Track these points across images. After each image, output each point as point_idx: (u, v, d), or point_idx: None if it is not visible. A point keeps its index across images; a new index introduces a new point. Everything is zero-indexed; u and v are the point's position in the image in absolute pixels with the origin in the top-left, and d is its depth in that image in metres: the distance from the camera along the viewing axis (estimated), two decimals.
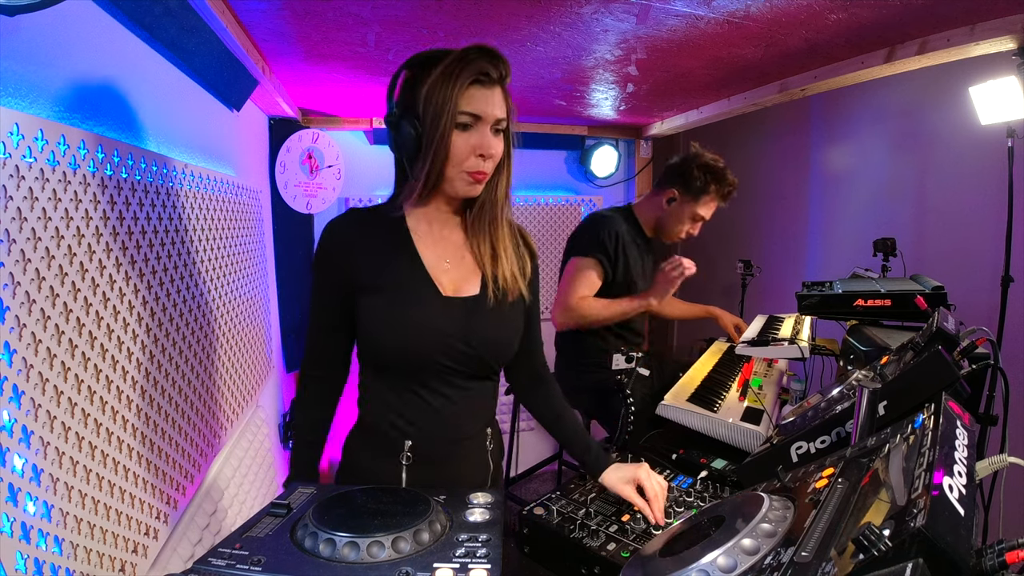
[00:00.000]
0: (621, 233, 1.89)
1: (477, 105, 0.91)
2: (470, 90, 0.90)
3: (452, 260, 1.03)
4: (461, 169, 0.94)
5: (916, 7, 1.36)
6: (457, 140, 0.92)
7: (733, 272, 2.86)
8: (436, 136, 0.90)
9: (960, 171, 2.23)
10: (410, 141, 0.93)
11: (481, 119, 0.92)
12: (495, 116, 0.92)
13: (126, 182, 1.00)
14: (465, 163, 0.93)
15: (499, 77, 0.93)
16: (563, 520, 1.01)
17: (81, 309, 0.84)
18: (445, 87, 0.89)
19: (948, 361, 0.88)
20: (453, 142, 0.91)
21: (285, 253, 2.64)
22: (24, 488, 0.70)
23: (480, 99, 0.91)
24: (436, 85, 0.89)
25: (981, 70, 1.69)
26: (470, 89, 0.90)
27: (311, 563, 0.65)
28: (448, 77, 0.89)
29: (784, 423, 1.19)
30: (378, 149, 2.98)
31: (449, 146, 0.91)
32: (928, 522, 0.45)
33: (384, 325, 0.97)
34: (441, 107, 0.89)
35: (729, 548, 0.61)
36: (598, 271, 1.86)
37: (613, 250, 1.86)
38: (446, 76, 0.89)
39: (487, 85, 0.92)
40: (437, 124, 0.90)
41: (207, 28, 1.29)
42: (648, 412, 1.65)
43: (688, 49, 1.69)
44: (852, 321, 1.63)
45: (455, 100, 0.89)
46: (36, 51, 0.80)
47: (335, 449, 1.13)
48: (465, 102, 0.90)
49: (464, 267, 1.03)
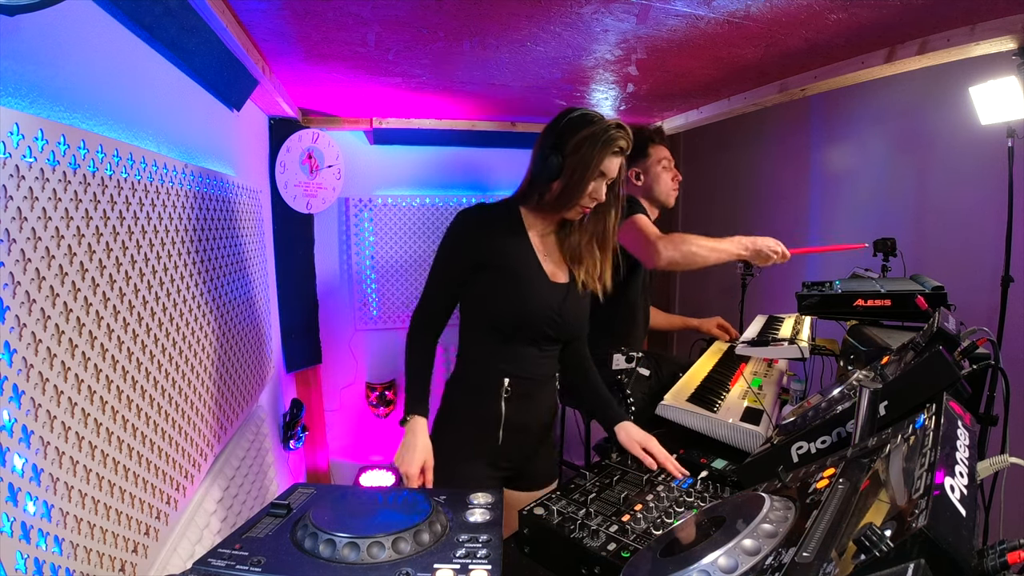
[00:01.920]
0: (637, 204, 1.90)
1: (608, 168, 1.26)
2: (610, 157, 1.25)
3: (550, 254, 1.36)
4: (580, 204, 1.28)
5: (916, 7, 1.36)
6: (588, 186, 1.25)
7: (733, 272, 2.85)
8: (576, 179, 1.24)
9: (960, 171, 2.23)
10: (553, 170, 1.25)
11: (605, 176, 1.26)
12: (613, 177, 1.28)
13: (126, 182, 1.00)
14: (584, 201, 1.27)
15: (624, 149, 1.27)
16: (563, 520, 1.01)
17: (81, 309, 0.84)
18: (594, 147, 1.22)
19: (949, 361, 0.88)
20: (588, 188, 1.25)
21: (285, 253, 2.63)
22: (24, 488, 0.70)
23: (612, 165, 1.26)
24: (586, 141, 1.22)
25: (981, 70, 1.68)
26: (610, 156, 1.25)
27: (311, 563, 0.65)
28: (598, 140, 1.22)
29: (784, 423, 1.19)
30: (378, 149, 2.98)
31: (584, 191, 1.25)
32: (929, 523, 0.45)
33: (506, 297, 1.28)
34: (588, 161, 1.23)
35: (730, 548, 0.61)
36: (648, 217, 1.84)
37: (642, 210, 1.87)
38: (596, 138, 1.22)
39: (619, 155, 1.27)
40: (582, 173, 1.23)
41: (207, 28, 1.29)
42: (648, 412, 1.65)
43: (688, 49, 1.69)
44: (852, 321, 1.63)
45: (598, 160, 1.23)
46: (36, 51, 0.80)
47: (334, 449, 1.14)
48: (604, 166, 1.24)
49: (556, 260, 1.37)
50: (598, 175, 1.25)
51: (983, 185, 2.07)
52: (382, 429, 3.15)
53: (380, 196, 3.02)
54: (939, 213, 2.33)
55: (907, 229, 2.40)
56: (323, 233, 2.89)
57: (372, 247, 3.04)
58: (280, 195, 2.51)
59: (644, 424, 1.68)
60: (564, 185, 1.25)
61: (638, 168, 2.02)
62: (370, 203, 3.00)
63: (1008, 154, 1.78)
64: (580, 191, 1.25)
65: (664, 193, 2.02)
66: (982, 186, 2.08)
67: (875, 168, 2.65)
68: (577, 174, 1.23)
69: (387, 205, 3.03)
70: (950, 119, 2.19)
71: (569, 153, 1.23)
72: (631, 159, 1.93)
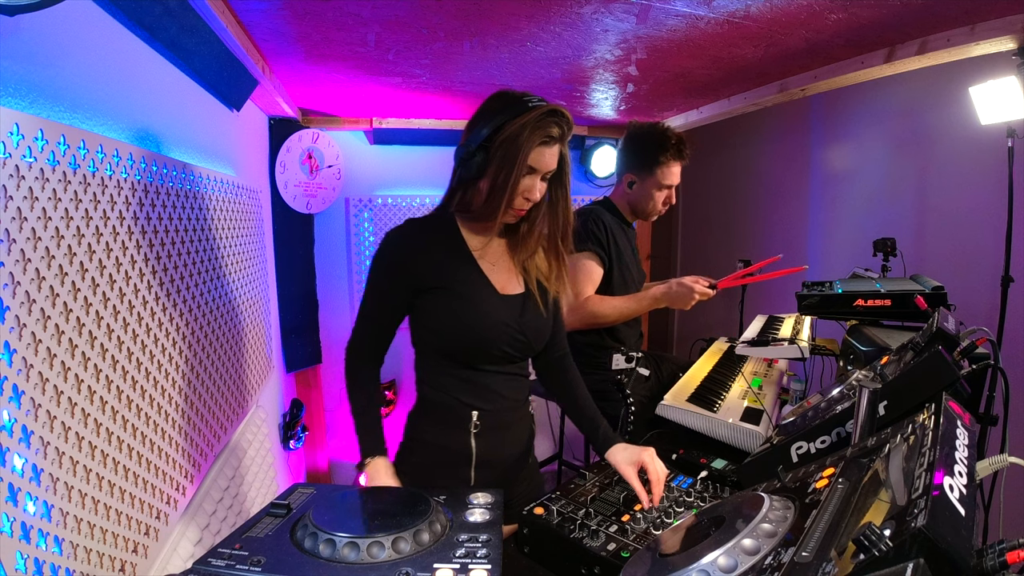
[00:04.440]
0: (607, 222, 1.86)
1: (539, 162, 1.07)
2: (538, 149, 1.06)
3: (496, 264, 1.20)
4: (511, 207, 1.10)
5: (916, 7, 1.36)
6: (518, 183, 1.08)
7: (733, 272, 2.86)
8: (503, 178, 1.06)
9: (960, 171, 2.23)
10: (475, 168, 1.08)
11: (537, 172, 1.08)
12: (549, 170, 1.10)
13: (126, 182, 1.00)
14: (515, 202, 1.10)
15: (560, 136, 1.08)
16: (563, 520, 1.01)
17: (81, 309, 0.84)
18: (519, 138, 1.04)
19: (948, 361, 0.88)
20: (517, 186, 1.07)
21: (285, 253, 2.63)
22: (24, 488, 0.70)
23: (544, 158, 1.07)
24: (512, 136, 1.04)
25: (981, 70, 1.69)
26: (538, 148, 1.06)
27: (311, 563, 0.65)
28: (525, 129, 1.04)
29: (784, 423, 1.19)
30: (378, 149, 2.98)
31: (513, 189, 1.07)
32: (929, 522, 0.45)
33: (455, 319, 1.13)
34: (514, 156, 1.04)
35: (730, 548, 0.61)
36: (597, 261, 1.81)
37: (605, 239, 1.82)
38: (523, 128, 1.04)
39: (551, 146, 1.08)
40: (508, 170, 1.05)
41: (207, 28, 1.29)
42: (648, 412, 1.65)
43: (688, 49, 1.69)
44: (852, 321, 1.63)
45: (525, 154, 1.05)
46: (36, 51, 0.80)
47: (334, 449, 1.14)
48: (533, 158, 1.06)
49: (506, 269, 1.20)
50: (527, 171, 1.07)
51: (983, 185, 2.07)
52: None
53: (380, 196, 3.02)
54: (939, 213, 2.33)
55: (907, 229, 2.40)
56: (323, 233, 2.89)
57: (372, 247, 3.04)
58: (280, 195, 2.51)
59: (644, 424, 1.68)
60: (491, 185, 1.07)
61: (635, 177, 1.87)
62: (370, 203, 3.00)
63: (1008, 154, 1.78)
64: (509, 191, 1.06)
65: (646, 212, 1.94)
66: (982, 186, 2.08)
67: (875, 168, 2.65)
68: (504, 172, 1.05)
69: (387, 205, 3.03)
70: (950, 119, 2.19)
71: (494, 147, 1.05)
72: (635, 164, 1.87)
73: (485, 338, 1.14)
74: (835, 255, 2.85)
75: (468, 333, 1.13)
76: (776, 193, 3.30)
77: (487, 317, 1.13)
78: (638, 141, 1.85)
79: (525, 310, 1.18)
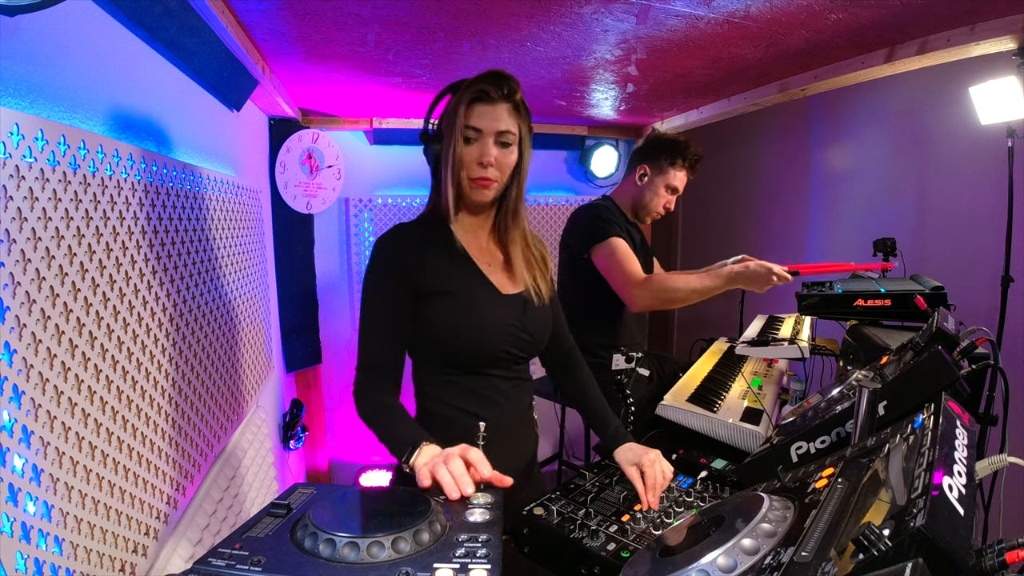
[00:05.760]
0: (615, 214, 1.90)
1: (478, 120, 1.05)
2: (473, 107, 1.05)
3: (492, 263, 1.17)
4: (470, 177, 1.07)
5: (916, 7, 1.36)
6: (464, 152, 1.06)
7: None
8: (450, 151, 1.05)
9: (960, 171, 2.23)
10: (436, 157, 1.09)
11: (483, 132, 1.05)
12: (496, 129, 1.06)
13: (126, 182, 1.00)
14: (472, 171, 1.07)
15: (502, 95, 1.06)
16: (563, 520, 1.01)
17: (81, 309, 0.84)
18: (455, 107, 1.05)
19: (948, 361, 0.88)
20: (461, 153, 1.06)
21: (285, 253, 2.63)
22: (24, 488, 0.70)
23: (481, 115, 1.05)
24: (449, 107, 1.06)
25: (981, 70, 1.69)
26: (473, 107, 1.05)
27: (311, 563, 0.65)
28: (458, 99, 1.05)
29: (784, 423, 1.19)
30: (378, 149, 2.98)
31: (460, 157, 1.06)
32: (928, 522, 0.45)
33: (458, 324, 1.09)
34: (452, 124, 1.05)
35: (729, 548, 0.61)
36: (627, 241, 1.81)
37: (620, 227, 1.85)
38: (457, 98, 1.05)
39: (489, 103, 1.05)
40: (450, 139, 1.05)
41: (207, 28, 1.29)
42: (648, 412, 1.65)
43: (688, 49, 1.69)
44: (852, 321, 1.63)
45: (461, 117, 1.04)
46: (36, 51, 0.80)
47: (334, 449, 1.14)
48: (468, 118, 1.05)
49: (501, 268, 1.18)
50: (472, 133, 1.05)
51: (983, 185, 2.07)
52: None
53: (380, 196, 3.02)
54: (939, 213, 2.33)
55: (907, 229, 2.40)
56: (323, 233, 2.90)
57: (372, 247, 3.04)
58: (280, 195, 2.51)
59: (644, 424, 1.68)
60: (446, 163, 1.05)
61: (649, 170, 1.93)
62: (370, 203, 3.00)
63: (1008, 154, 1.78)
64: (457, 159, 1.04)
65: (647, 210, 1.98)
66: (982, 186, 2.08)
67: (875, 168, 2.65)
68: (447, 141, 1.05)
69: (387, 205, 3.03)
70: (950, 119, 2.19)
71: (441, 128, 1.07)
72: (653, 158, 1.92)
73: (490, 341, 1.10)
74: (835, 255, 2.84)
75: (474, 335, 1.09)
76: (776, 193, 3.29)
77: (491, 319, 1.10)
78: (663, 141, 1.94)
79: (527, 308, 1.15)
